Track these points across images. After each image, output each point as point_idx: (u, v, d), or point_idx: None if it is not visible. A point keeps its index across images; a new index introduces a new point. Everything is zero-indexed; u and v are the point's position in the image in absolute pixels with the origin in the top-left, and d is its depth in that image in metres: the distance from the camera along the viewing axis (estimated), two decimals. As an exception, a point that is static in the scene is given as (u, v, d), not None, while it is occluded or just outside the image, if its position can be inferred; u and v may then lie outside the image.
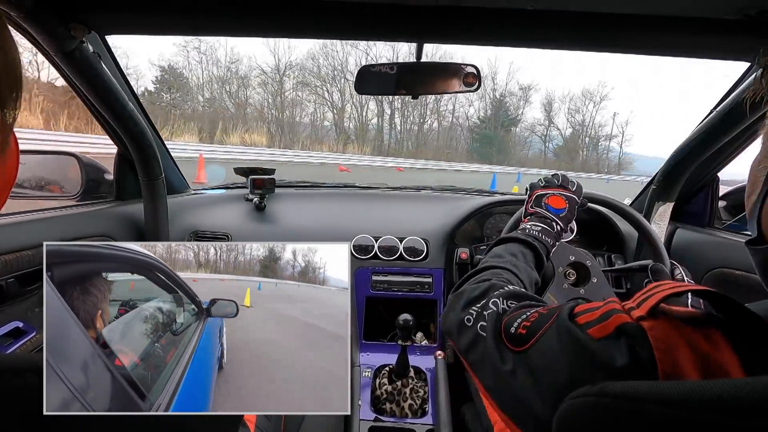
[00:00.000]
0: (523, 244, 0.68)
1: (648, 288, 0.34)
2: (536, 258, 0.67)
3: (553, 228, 0.74)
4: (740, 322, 0.28)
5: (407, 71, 0.81)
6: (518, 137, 40.71)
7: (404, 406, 1.04)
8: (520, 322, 0.42)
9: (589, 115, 41.64)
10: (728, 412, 0.22)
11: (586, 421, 0.28)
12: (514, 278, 0.59)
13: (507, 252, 0.66)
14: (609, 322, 0.33)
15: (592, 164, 41.34)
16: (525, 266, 0.63)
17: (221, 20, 0.72)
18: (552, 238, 0.73)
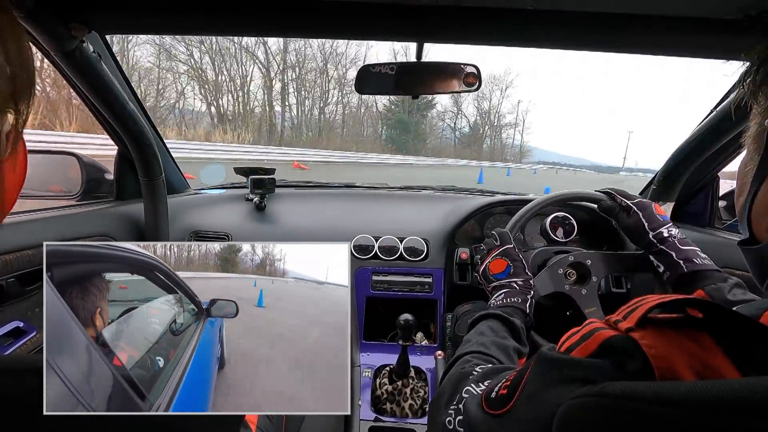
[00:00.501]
0: (489, 318, 0.68)
1: (633, 301, 0.33)
2: (506, 325, 0.66)
3: (514, 287, 0.74)
4: (727, 323, 0.28)
5: (407, 71, 0.81)
6: (429, 125, 38.74)
7: (404, 406, 1.04)
8: (500, 386, 0.41)
9: (496, 101, 41.54)
10: (729, 412, 0.22)
11: (586, 421, 0.28)
12: (483, 358, 0.58)
13: (475, 334, 0.65)
14: (591, 341, 0.32)
15: (497, 153, 41.19)
16: (495, 339, 0.62)
17: (220, 20, 0.72)
18: (517, 295, 0.73)
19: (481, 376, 0.49)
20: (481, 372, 0.50)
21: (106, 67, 0.84)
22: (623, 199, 0.85)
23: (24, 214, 0.87)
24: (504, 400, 0.38)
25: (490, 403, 0.41)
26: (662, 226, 0.79)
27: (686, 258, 0.73)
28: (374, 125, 33.84)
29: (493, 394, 0.41)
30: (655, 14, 0.62)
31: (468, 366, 0.55)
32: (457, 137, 42.41)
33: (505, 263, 0.78)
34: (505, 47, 0.74)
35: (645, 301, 0.32)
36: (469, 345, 0.62)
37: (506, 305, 0.71)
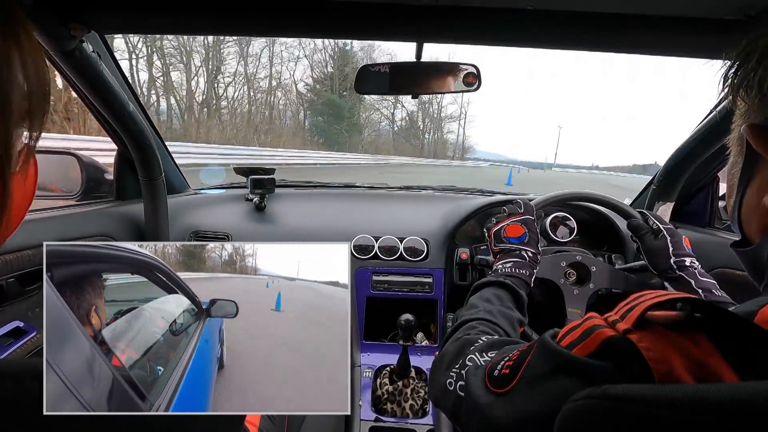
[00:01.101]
0: (495, 286, 0.68)
1: (631, 298, 0.33)
2: (513, 296, 0.66)
3: (523, 257, 0.74)
4: (724, 324, 0.28)
5: (407, 71, 0.81)
6: (365, 113, 31.59)
7: (405, 406, 1.04)
8: (502, 364, 0.41)
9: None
10: (732, 415, 0.22)
11: (587, 423, 0.28)
12: (490, 326, 0.58)
13: (481, 300, 0.65)
14: (591, 339, 0.32)
15: (440, 149, 37.89)
16: (501, 309, 0.62)
17: (220, 19, 0.71)
18: (526, 267, 0.73)
19: (486, 346, 0.49)
20: (486, 342, 0.50)
21: (105, 67, 0.84)
22: (656, 221, 0.85)
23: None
24: (506, 380, 0.39)
25: (492, 380, 0.41)
26: (687, 256, 0.78)
27: (705, 288, 0.73)
28: (293, 110, 24.19)
29: (495, 371, 0.41)
30: (655, 14, 0.62)
31: (473, 333, 0.55)
32: (395, 130, 36.99)
33: (523, 230, 0.77)
34: (504, 47, 0.74)
35: (642, 299, 0.32)
36: (475, 311, 0.62)
37: (513, 275, 0.71)
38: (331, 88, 24.42)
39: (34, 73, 0.28)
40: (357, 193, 1.57)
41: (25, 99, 0.28)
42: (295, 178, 1.71)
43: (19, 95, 0.27)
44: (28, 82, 0.28)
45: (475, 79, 0.82)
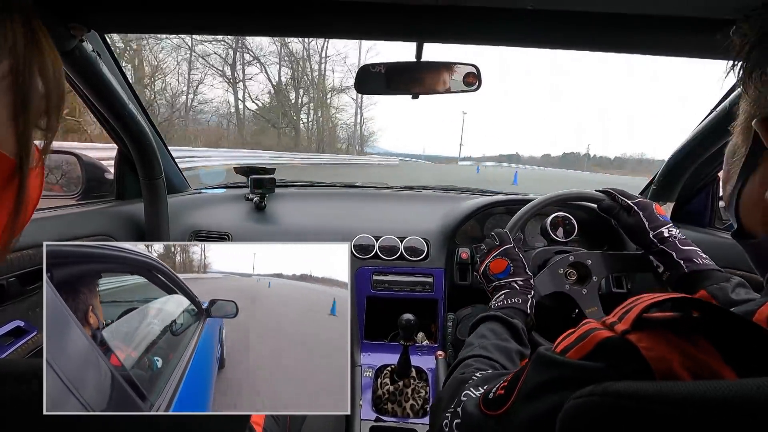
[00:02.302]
0: (489, 320, 0.68)
1: (628, 301, 0.33)
2: (508, 328, 0.66)
3: (514, 287, 0.74)
4: (723, 323, 0.28)
5: (407, 71, 0.81)
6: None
7: (406, 406, 1.04)
8: (498, 386, 0.41)
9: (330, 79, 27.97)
10: (734, 412, 0.22)
11: (588, 421, 0.28)
12: (485, 362, 0.58)
13: (476, 337, 0.65)
14: (586, 342, 0.32)
15: (329, 139, 28.85)
16: (496, 343, 0.62)
17: (220, 19, 0.71)
18: (518, 296, 0.73)
19: (480, 381, 0.49)
20: (480, 377, 0.50)
21: (105, 67, 0.84)
22: (623, 198, 0.85)
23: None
24: (502, 401, 0.38)
25: (487, 404, 0.41)
26: (663, 225, 0.78)
27: (686, 258, 0.73)
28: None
29: (490, 395, 0.41)
30: (654, 14, 0.62)
31: (468, 371, 0.54)
32: (243, 114, 26.10)
33: (506, 263, 0.78)
34: (504, 47, 0.74)
35: (639, 301, 0.31)
36: (471, 348, 0.62)
37: (506, 306, 0.71)
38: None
39: (53, 77, 0.30)
40: (357, 193, 1.57)
41: (43, 100, 0.29)
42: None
43: (38, 97, 0.29)
44: (47, 84, 0.30)
45: (475, 79, 0.82)
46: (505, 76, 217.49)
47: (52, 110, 0.31)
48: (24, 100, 0.27)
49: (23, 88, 0.27)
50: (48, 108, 0.30)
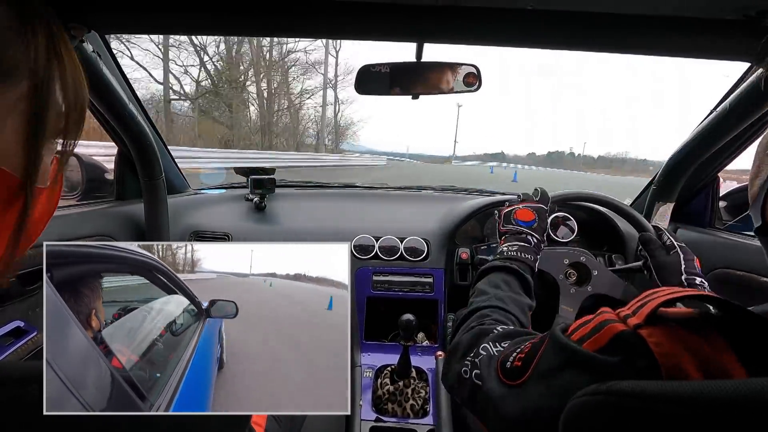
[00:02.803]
0: (503, 271, 0.68)
1: (644, 294, 0.33)
2: (521, 281, 0.67)
3: (529, 242, 0.74)
4: (739, 322, 0.28)
5: (407, 71, 0.81)
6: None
7: (406, 406, 1.04)
8: (515, 356, 0.41)
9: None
10: (737, 411, 0.22)
11: (593, 419, 0.28)
12: (502, 314, 0.58)
13: (490, 285, 0.65)
14: (602, 334, 0.32)
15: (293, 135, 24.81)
16: (511, 295, 0.62)
17: (220, 19, 0.71)
18: (531, 252, 0.73)
19: (500, 336, 0.49)
20: (502, 332, 0.50)
21: (105, 67, 0.84)
22: (670, 237, 0.84)
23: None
24: (518, 372, 0.39)
25: (504, 372, 0.42)
26: (697, 276, 0.78)
27: None
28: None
29: (507, 363, 0.42)
30: (655, 14, 0.62)
31: (488, 321, 0.55)
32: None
33: (533, 215, 0.78)
34: (504, 47, 0.74)
35: (656, 295, 0.32)
36: (486, 297, 0.62)
37: (519, 259, 0.71)
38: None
39: (73, 93, 0.28)
40: (357, 193, 1.57)
41: (61, 118, 0.28)
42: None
43: (56, 115, 0.27)
44: (67, 101, 0.28)
45: (476, 79, 0.82)
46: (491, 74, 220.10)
47: (71, 127, 0.29)
48: (40, 121, 0.26)
49: (41, 108, 0.25)
50: (67, 125, 0.28)
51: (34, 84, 0.25)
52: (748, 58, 0.74)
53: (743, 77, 0.88)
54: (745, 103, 0.82)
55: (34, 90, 0.25)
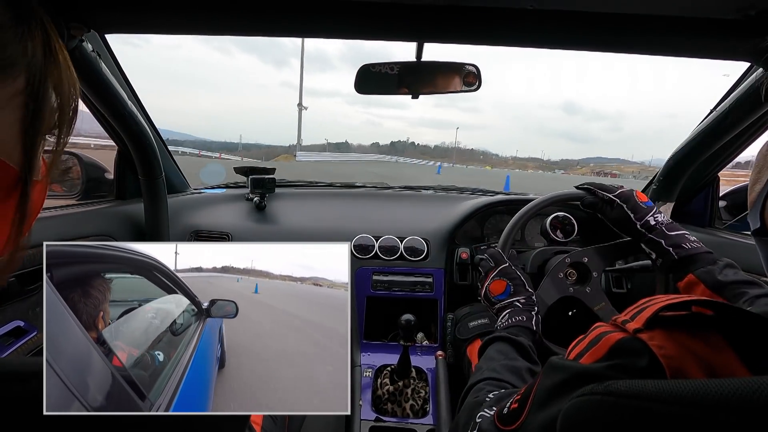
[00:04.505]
0: (496, 341, 0.68)
1: (641, 301, 0.33)
2: (514, 346, 0.66)
3: (517, 305, 0.74)
4: (739, 322, 0.28)
5: (407, 71, 0.81)
6: None
7: (405, 406, 1.04)
8: (511, 401, 0.41)
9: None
10: (734, 411, 0.22)
11: (590, 419, 0.28)
12: (495, 384, 0.58)
13: (485, 360, 0.65)
14: (600, 345, 0.32)
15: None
16: (505, 363, 0.62)
17: (220, 19, 0.71)
18: (522, 313, 0.72)
19: (494, 401, 0.49)
20: (494, 397, 0.50)
21: (105, 67, 0.84)
22: (604, 192, 0.83)
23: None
24: (516, 414, 0.38)
25: (502, 420, 0.41)
26: (647, 214, 0.77)
27: (675, 244, 0.73)
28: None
29: (505, 410, 0.41)
30: (655, 14, 0.62)
31: (481, 394, 0.54)
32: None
33: (504, 283, 0.77)
34: (504, 47, 0.74)
35: (654, 301, 0.31)
36: (480, 373, 0.61)
37: (511, 325, 0.70)
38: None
39: (66, 90, 0.29)
40: (357, 193, 1.57)
41: (54, 114, 0.28)
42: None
43: (50, 111, 0.28)
44: (61, 98, 0.29)
45: (476, 79, 0.82)
46: (339, 60, 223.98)
47: (63, 124, 0.30)
48: (36, 115, 0.27)
49: (37, 103, 0.26)
50: (60, 121, 0.29)
51: (31, 80, 0.26)
52: (748, 58, 0.74)
53: (743, 77, 0.88)
54: (745, 103, 0.82)
55: (30, 85, 0.26)
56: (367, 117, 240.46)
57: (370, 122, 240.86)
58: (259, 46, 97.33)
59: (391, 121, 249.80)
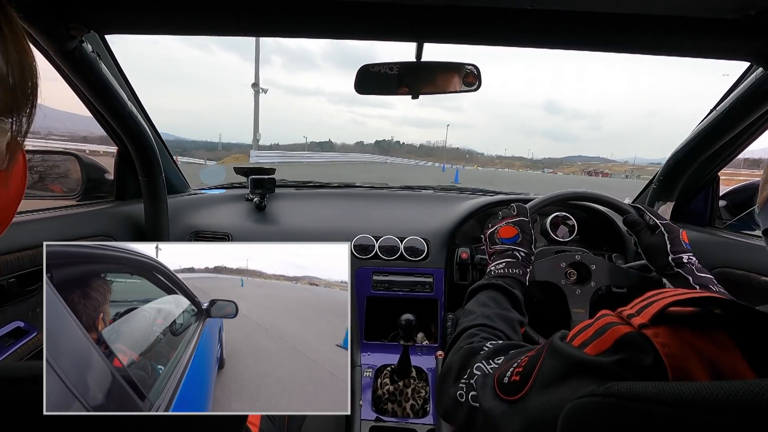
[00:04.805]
0: (490, 288, 0.68)
1: (648, 295, 0.33)
2: (508, 297, 0.66)
3: (515, 257, 0.75)
4: (747, 321, 0.27)
5: (407, 71, 0.81)
6: None
7: (406, 406, 1.04)
8: (512, 371, 0.40)
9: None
10: (737, 413, 0.21)
11: (590, 421, 0.28)
12: (491, 332, 0.58)
13: (477, 305, 0.65)
14: (606, 337, 0.32)
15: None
16: (499, 312, 0.62)
17: (220, 19, 0.71)
18: (518, 267, 0.73)
19: (491, 353, 0.49)
20: (491, 348, 0.50)
21: (105, 67, 0.84)
22: (652, 217, 0.84)
23: (24, 214, 0.87)
24: (517, 387, 0.38)
25: (502, 388, 0.41)
26: (684, 252, 0.78)
27: (702, 284, 0.73)
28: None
29: (505, 378, 0.41)
30: (655, 14, 0.62)
31: (476, 340, 0.54)
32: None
33: (516, 231, 0.78)
34: (504, 47, 0.74)
35: (661, 296, 0.31)
36: (473, 317, 0.61)
37: (507, 275, 0.71)
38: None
39: (18, 65, 0.26)
40: (357, 193, 1.57)
41: (9, 93, 0.26)
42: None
43: (2, 89, 0.25)
44: (12, 74, 0.26)
45: (475, 79, 0.82)
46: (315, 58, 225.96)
47: (21, 103, 0.27)
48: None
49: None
50: (16, 101, 0.26)
51: None
52: (748, 58, 0.74)
53: (743, 77, 0.88)
54: (745, 103, 0.82)
55: None
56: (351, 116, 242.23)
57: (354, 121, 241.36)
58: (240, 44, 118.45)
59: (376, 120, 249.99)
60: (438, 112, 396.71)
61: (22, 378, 0.27)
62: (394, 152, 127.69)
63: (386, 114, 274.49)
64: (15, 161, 0.28)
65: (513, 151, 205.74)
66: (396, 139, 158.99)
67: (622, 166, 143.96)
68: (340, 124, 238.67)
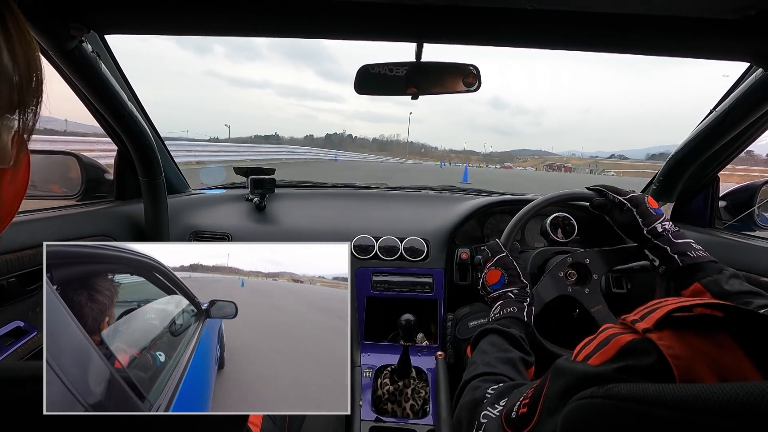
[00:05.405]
0: (488, 334, 0.67)
1: (651, 302, 0.32)
2: (506, 338, 0.66)
3: (509, 297, 0.74)
4: (750, 324, 0.27)
5: (407, 71, 0.81)
6: None
7: (405, 406, 1.04)
8: (519, 404, 0.40)
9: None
10: (740, 416, 0.21)
11: (591, 422, 0.28)
12: (492, 378, 0.57)
13: (478, 353, 0.64)
14: (609, 347, 0.31)
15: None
16: (498, 356, 0.61)
17: (220, 20, 0.71)
18: (514, 304, 0.72)
19: (495, 397, 0.48)
20: (494, 392, 0.49)
21: (105, 67, 0.84)
22: (615, 195, 0.83)
23: (24, 214, 0.87)
24: (526, 419, 0.38)
25: (511, 424, 0.40)
26: (655, 220, 0.77)
27: (680, 251, 0.73)
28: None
29: (513, 414, 0.40)
30: (655, 14, 0.62)
31: (478, 392, 0.54)
32: None
33: (499, 273, 0.78)
34: (504, 47, 0.74)
35: (665, 303, 0.31)
36: (474, 368, 0.61)
37: (503, 317, 0.71)
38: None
39: (24, 62, 0.26)
40: (357, 193, 1.58)
41: (14, 90, 0.26)
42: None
43: (8, 86, 0.25)
44: (18, 72, 0.26)
45: (475, 80, 0.82)
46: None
47: (27, 100, 0.27)
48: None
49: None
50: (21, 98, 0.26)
51: None
52: (748, 58, 0.74)
53: (743, 77, 0.88)
54: (745, 103, 0.82)
55: None
56: (301, 110, 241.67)
57: (305, 115, 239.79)
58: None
59: (327, 114, 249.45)
60: (388, 106, 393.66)
61: (22, 378, 0.27)
62: (346, 146, 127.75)
63: (337, 108, 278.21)
64: (18, 161, 0.29)
65: (465, 145, 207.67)
66: (348, 133, 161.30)
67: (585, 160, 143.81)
68: (289, 117, 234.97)
